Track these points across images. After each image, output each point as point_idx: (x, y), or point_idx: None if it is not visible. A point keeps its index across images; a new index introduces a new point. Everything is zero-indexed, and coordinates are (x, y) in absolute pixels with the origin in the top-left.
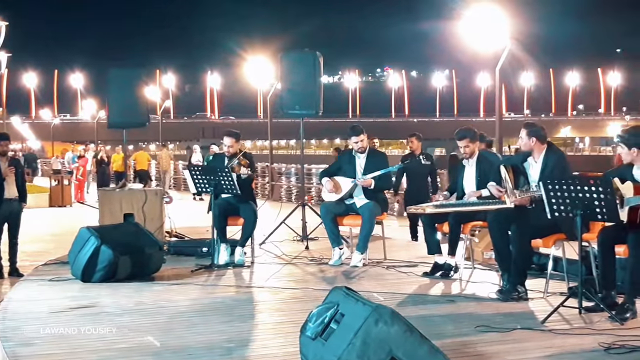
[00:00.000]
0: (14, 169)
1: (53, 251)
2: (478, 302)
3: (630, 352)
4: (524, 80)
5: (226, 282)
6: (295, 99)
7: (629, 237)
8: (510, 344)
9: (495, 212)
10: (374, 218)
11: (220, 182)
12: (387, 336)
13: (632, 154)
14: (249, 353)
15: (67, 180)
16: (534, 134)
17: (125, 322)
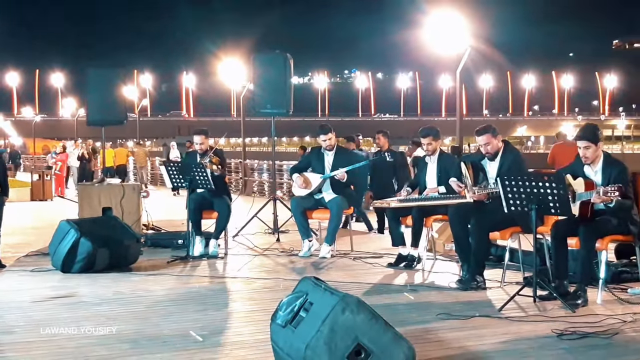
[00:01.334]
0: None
1: (34, 243)
2: (439, 291)
3: (581, 338)
4: (483, 83)
5: (201, 273)
6: (267, 99)
7: (580, 230)
8: (469, 331)
9: (455, 207)
10: (341, 212)
11: (195, 178)
12: (353, 324)
13: (598, 149)
14: (222, 340)
15: (47, 175)
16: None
17: (103, 311)
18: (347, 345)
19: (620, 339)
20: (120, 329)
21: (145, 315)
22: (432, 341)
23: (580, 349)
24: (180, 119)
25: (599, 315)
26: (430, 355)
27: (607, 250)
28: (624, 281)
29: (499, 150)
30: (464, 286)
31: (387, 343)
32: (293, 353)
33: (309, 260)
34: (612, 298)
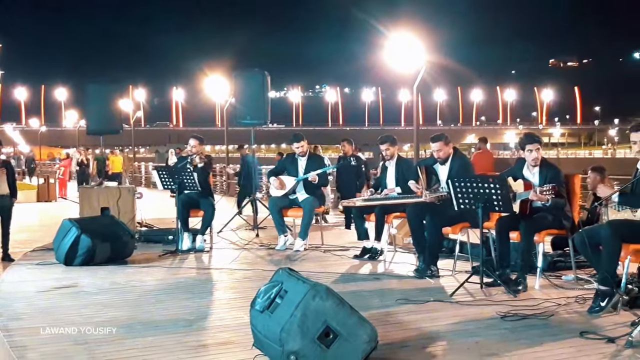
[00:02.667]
0: (4, 170)
1: (40, 239)
2: (399, 279)
3: (521, 319)
4: (437, 96)
5: (188, 265)
6: (247, 111)
7: (521, 225)
8: (424, 314)
9: (413, 205)
10: (313, 210)
11: (183, 181)
12: (322, 309)
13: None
14: (207, 324)
15: (52, 178)
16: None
17: (101, 299)
18: (317, 327)
19: (555, 320)
20: (116, 315)
21: (139, 302)
22: (392, 323)
23: (520, 329)
24: (170, 128)
25: (537, 299)
26: (390, 335)
27: (543, 243)
28: (559, 269)
29: (450, 155)
30: (420, 275)
31: (353, 325)
32: (270, 335)
33: (285, 253)
34: (549, 284)
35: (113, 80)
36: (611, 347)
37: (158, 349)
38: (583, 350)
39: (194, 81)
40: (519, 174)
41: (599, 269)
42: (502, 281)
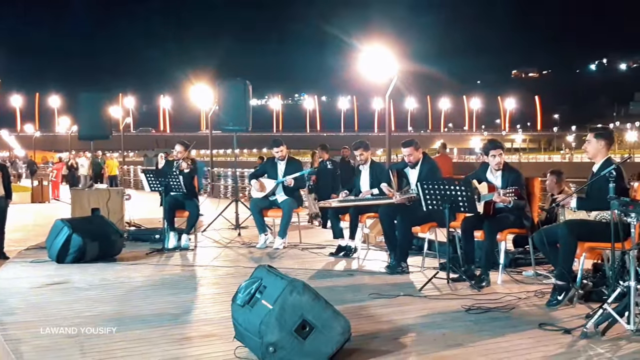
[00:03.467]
0: (0, 173)
1: (33, 238)
2: (371, 275)
3: (485, 312)
4: (408, 104)
5: (174, 262)
6: (229, 118)
7: (485, 224)
8: (395, 307)
9: (385, 206)
10: (292, 211)
11: (170, 183)
12: (299, 303)
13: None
14: (191, 318)
15: (46, 181)
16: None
17: (91, 295)
18: (295, 320)
19: (516, 312)
20: (105, 310)
21: (127, 298)
22: (365, 316)
23: (484, 321)
24: (156, 133)
25: (500, 293)
26: (363, 327)
27: (506, 241)
28: (520, 266)
29: (419, 160)
30: (391, 271)
31: (327, 318)
32: (250, 328)
33: (265, 251)
34: (510, 279)
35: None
36: (567, 338)
37: (144, 341)
38: (541, 340)
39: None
40: (483, 177)
41: (556, 265)
42: (467, 277)
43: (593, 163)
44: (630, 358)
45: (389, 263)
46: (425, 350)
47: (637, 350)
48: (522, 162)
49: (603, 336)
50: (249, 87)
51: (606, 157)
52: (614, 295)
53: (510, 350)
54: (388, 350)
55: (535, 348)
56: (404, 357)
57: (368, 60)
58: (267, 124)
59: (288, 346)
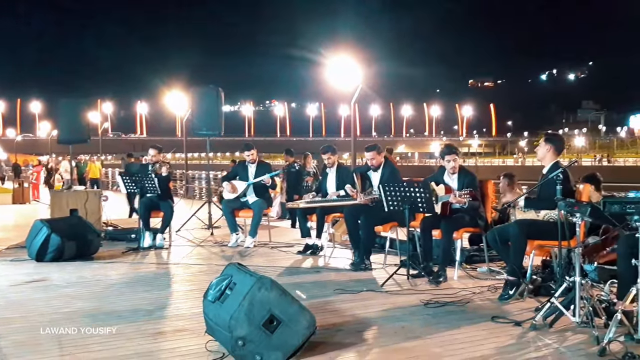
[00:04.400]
0: None
1: (14, 238)
2: (336, 272)
3: (442, 306)
4: (372, 111)
5: (149, 261)
6: (203, 123)
7: (442, 224)
8: (359, 302)
9: (349, 207)
10: (262, 211)
11: (145, 185)
12: (267, 299)
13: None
14: (165, 314)
15: (26, 183)
16: (380, 151)
17: (69, 292)
18: (263, 315)
19: (471, 306)
20: (82, 306)
21: (103, 294)
22: (330, 310)
23: (441, 314)
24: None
25: (456, 288)
26: (328, 321)
27: (461, 239)
28: (475, 262)
29: (381, 163)
30: (355, 268)
31: (294, 313)
32: (220, 323)
33: (236, 250)
34: (465, 275)
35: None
36: (518, 330)
37: (120, 336)
38: (494, 332)
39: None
40: (441, 179)
41: (508, 262)
42: (425, 273)
43: (543, 166)
44: (575, 348)
45: (353, 260)
46: (386, 342)
47: (582, 341)
48: (479, 166)
49: (551, 328)
50: (222, 93)
51: (554, 161)
52: (561, 289)
53: (464, 341)
54: (351, 343)
55: (488, 339)
56: (366, 349)
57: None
58: (240, 129)
59: (256, 340)
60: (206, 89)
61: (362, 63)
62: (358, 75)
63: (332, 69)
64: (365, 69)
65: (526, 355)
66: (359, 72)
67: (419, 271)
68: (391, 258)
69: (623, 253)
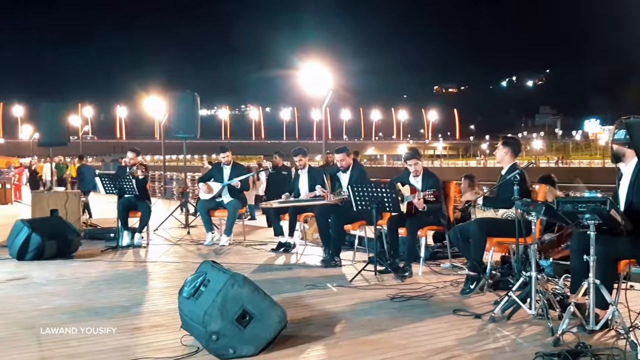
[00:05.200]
0: None
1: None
2: (308, 268)
3: (407, 300)
4: (343, 115)
5: (127, 259)
6: (179, 126)
7: (407, 222)
8: (328, 297)
9: (320, 206)
10: (237, 211)
11: (123, 186)
12: (240, 295)
13: (418, 166)
14: (142, 310)
15: (8, 184)
16: (350, 153)
17: (49, 289)
18: (235, 311)
19: (434, 300)
20: (62, 303)
21: (82, 292)
22: (301, 305)
23: (406, 308)
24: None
25: (420, 283)
26: (299, 315)
27: (426, 237)
28: (438, 258)
29: (350, 165)
30: (325, 264)
31: (266, 308)
32: (195, 318)
33: (212, 248)
34: (429, 271)
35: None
36: (478, 322)
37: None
38: (455, 324)
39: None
40: (406, 180)
41: (469, 258)
42: (392, 269)
43: (502, 168)
44: (531, 339)
45: (323, 257)
46: (353, 335)
47: (537, 332)
48: (443, 167)
49: (508, 320)
50: (198, 98)
51: (512, 163)
52: (518, 284)
53: (427, 333)
54: (320, 336)
55: (449, 332)
56: (334, 341)
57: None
58: (216, 132)
59: (230, 334)
60: (183, 93)
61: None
62: (329, 81)
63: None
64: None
65: (485, 346)
66: (329, 78)
67: (385, 267)
68: (360, 255)
69: (576, 249)
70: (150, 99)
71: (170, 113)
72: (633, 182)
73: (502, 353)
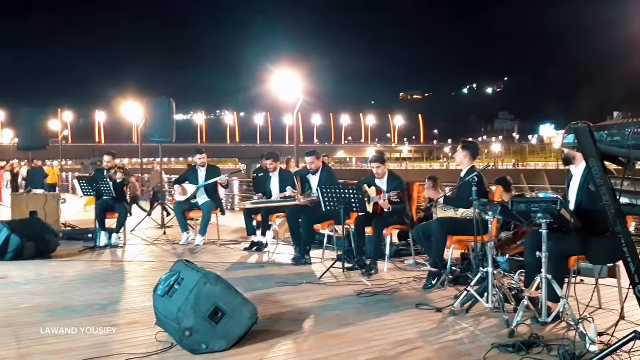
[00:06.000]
0: None
1: None
2: (279, 266)
3: (373, 295)
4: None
5: (105, 258)
6: (156, 131)
7: (373, 222)
8: (298, 293)
9: (291, 207)
10: (211, 212)
11: (101, 189)
12: (212, 293)
13: (384, 167)
14: (118, 308)
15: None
16: (319, 156)
17: (28, 288)
18: (208, 308)
19: (398, 295)
20: (40, 302)
21: (61, 291)
22: (272, 302)
23: (371, 303)
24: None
25: (385, 279)
26: (270, 311)
27: (391, 235)
28: (402, 256)
29: (319, 168)
30: (296, 262)
31: (237, 305)
32: (169, 315)
33: (187, 247)
34: (394, 267)
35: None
36: (439, 315)
37: (75, 329)
38: (418, 318)
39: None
40: (373, 182)
41: (431, 255)
42: (359, 266)
43: (462, 170)
44: (489, 331)
45: (294, 256)
46: (322, 330)
47: (494, 324)
48: (409, 170)
49: (467, 313)
50: (173, 104)
51: (471, 166)
52: (476, 279)
53: (392, 327)
54: (290, 331)
55: (412, 325)
56: (303, 336)
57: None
58: (193, 136)
59: (202, 330)
60: (159, 99)
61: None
62: (299, 88)
63: (277, 83)
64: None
65: (445, 338)
66: (300, 85)
67: (353, 264)
68: (329, 253)
69: (529, 247)
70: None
71: (147, 118)
72: (582, 184)
73: (461, 344)
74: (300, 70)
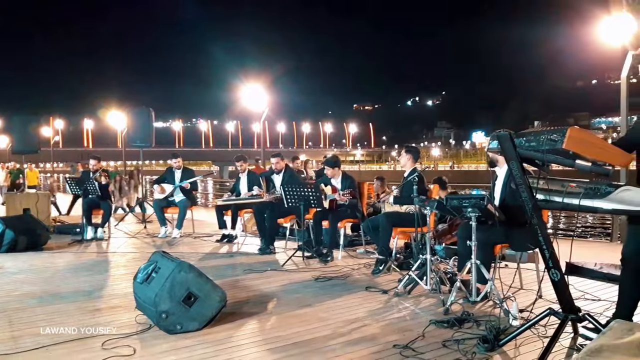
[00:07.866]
0: None
1: None
2: (247, 256)
3: (329, 280)
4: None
5: (91, 250)
6: (137, 137)
7: (329, 216)
8: (264, 279)
9: (258, 204)
10: (186, 208)
11: (87, 188)
12: (186, 279)
13: (335, 171)
14: (102, 294)
15: None
16: (283, 158)
17: (20, 277)
18: (182, 293)
19: (351, 279)
20: (32, 289)
21: (50, 279)
22: (240, 287)
23: (327, 287)
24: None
25: (340, 266)
26: (238, 295)
27: (344, 228)
28: (354, 245)
29: (283, 168)
30: (261, 252)
31: (208, 290)
32: (147, 300)
33: (165, 240)
34: (348, 255)
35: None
36: (385, 297)
37: (62, 313)
38: (367, 299)
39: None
40: (328, 181)
41: (378, 245)
42: (317, 254)
43: (405, 171)
44: (427, 309)
45: (260, 246)
46: (284, 310)
47: (432, 303)
48: (362, 170)
49: (409, 295)
50: (152, 112)
51: (413, 167)
52: (417, 264)
53: (344, 307)
54: (256, 312)
55: (362, 305)
56: (267, 316)
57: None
58: (171, 141)
59: (177, 313)
60: (140, 108)
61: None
62: (265, 99)
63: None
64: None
65: (390, 316)
66: (265, 97)
67: (312, 253)
68: (290, 244)
69: (462, 236)
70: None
71: (129, 125)
72: (505, 183)
73: (404, 321)
74: (265, 84)
